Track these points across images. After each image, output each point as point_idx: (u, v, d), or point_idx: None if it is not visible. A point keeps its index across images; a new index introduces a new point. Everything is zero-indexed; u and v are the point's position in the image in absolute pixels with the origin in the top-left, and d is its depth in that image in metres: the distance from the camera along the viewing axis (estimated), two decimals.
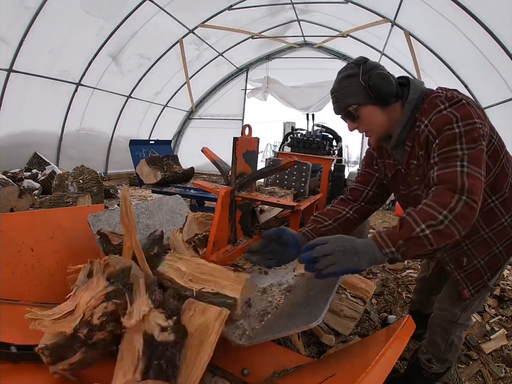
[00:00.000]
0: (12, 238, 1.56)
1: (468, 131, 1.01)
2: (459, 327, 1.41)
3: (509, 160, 1.19)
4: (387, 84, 1.12)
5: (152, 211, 2.04)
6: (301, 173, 2.66)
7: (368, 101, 1.14)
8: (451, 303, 1.38)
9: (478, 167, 0.98)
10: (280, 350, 1.35)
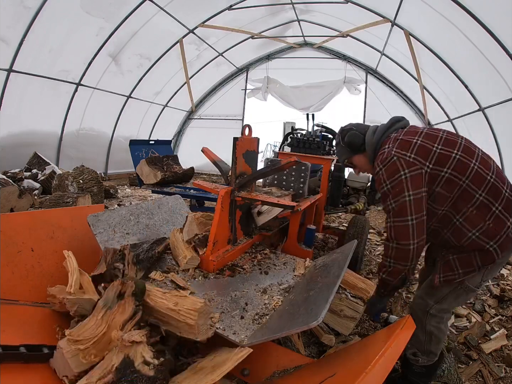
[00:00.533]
0: (12, 238, 1.56)
1: (393, 187, 1.33)
2: (434, 317, 1.47)
3: (477, 180, 1.32)
4: (356, 140, 1.59)
5: (152, 211, 2.04)
6: (300, 174, 2.62)
7: (351, 154, 1.65)
8: (426, 292, 1.52)
9: (403, 216, 1.32)
10: (280, 350, 1.35)
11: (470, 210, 1.33)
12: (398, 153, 1.35)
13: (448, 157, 1.33)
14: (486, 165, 1.34)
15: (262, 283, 1.64)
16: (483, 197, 1.32)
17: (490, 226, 1.31)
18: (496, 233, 1.31)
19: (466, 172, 1.32)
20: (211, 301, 1.45)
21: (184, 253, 1.66)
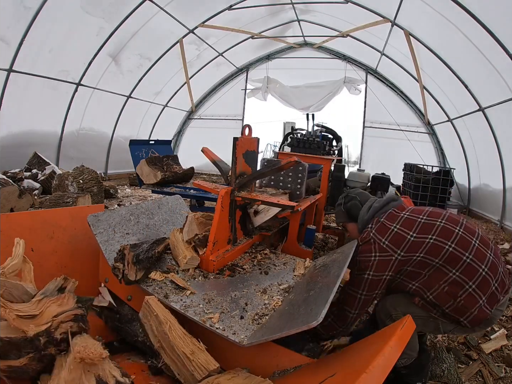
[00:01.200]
0: (12, 238, 1.56)
1: (361, 261, 1.49)
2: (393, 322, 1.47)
3: (452, 260, 1.40)
4: (354, 210, 1.74)
5: (152, 211, 2.04)
6: (297, 175, 2.56)
7: (347, 220, 1.81)
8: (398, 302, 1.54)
9: (356, 288, 1.48)
10: (280, 350, 1.35)
11: (442, 287, 1.41)
12: (375, 236, 1.52)
13: (421, 244, 1.44)
14: (463, 245, 1.41)
15: (262, 283, 1.64)
16: (457, 275, 1.39)
17: (461, 303, 1.37)
18: (467, 310, 1.37)
19: (439, 254, 1.41)
20: (211, 301, 1.45)
21: (184, 253, 1.66)
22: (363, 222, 1.68)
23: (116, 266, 1.49)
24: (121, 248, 1.56)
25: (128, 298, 1.67)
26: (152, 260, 1.60)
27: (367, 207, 1.70)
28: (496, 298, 1.40)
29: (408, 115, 7.80)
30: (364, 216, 1.68)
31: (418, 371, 1.61)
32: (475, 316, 1.36)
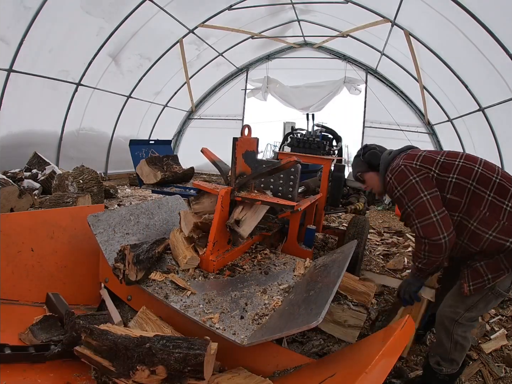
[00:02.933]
0: (12, 238, 1.56)
1: (406, 191, 1.46)
2: (461, 326, 1.45)
3: (483, 182, 1.41)
4: (375, 158, 1.73)
5: (152, 211, 2.04)
6: (289, 177, 2.28)
7: (366, 170, 1.79)
8: (455, 301, 1.50)
9: (426, 215, 1.41)
10: (280, 350, 1.35)
11: (483, 212, 1.40)
12: (405, 162, 1.51)
13: (451, 165, 1.46)
14: (490, 168, 1.44)
15: (262, 283, 1.64)
16: (492, 196, 1.39)
17: (505, 224, 1.36)
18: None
19: (471, 175, 1.42)
20: (211, 301, 1.45)
21: (184, 253, 1.66)
22: (386, 162, 1.67)
23: (117, 266, 1.49)
24: (121, 248, 1.56)
25: (128, 298, 1.68)
26: (153, 260, 1.60)
27: (387, 152, 1.73)
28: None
29: (408, 115, 7.80)
30: (386, 157, 1.68)
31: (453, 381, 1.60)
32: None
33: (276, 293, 1.55)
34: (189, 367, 0.99)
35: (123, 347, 1.03)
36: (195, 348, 1.01)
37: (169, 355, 1.00)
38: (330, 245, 3.79)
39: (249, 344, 1.18)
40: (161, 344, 1.02)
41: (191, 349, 1.01)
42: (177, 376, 1.00)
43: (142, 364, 1.01)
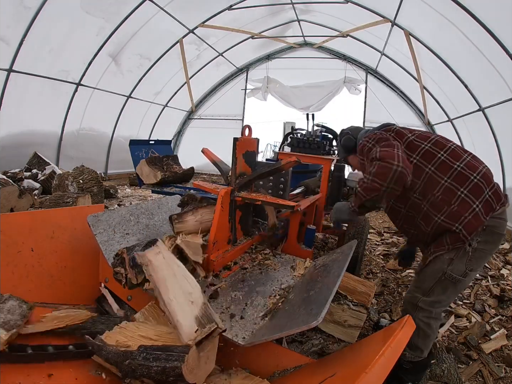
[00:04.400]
0: (12, 238, 1.56)
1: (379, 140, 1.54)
2: (422, 311, 1.51)
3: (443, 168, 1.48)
4: (350, 142, 1.89)
5: (152, 211, 2.04)
6: (279, 179, 2.16)
7: (346, 154, 1.98)
8: (414, 286, 1.61)
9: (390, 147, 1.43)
10: (280, 350, 1.35)
11: (436, 196, 1.47)
12: (379, 132, 1.63)
13: (418, 147, 1.54)
14: (455, 156, 1.50)
15: (262, 283, 1.64)
16: (448, 182, 1.46)
17: (454, 209, 1.43)
18: (460, 215, 1.42)
19: (432, 160, 1.50)
20: (211, 301, 1.45)
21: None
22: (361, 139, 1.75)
23: (118, 271, 1.47)
24: (119, 252, 1.54)
25: (128, 298, 1.67)
26: None
27: (363, 132, 1.84)
28: (491, 206, 1.42)
29: (408, 115, 7.80)
30: (361, 138, 1.76)
31: (418, 371, 1.61)
32: (469, 221, 1.40)
33: (276, 293, 1.55)
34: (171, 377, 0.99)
35: (114, 362, 1.07)
36: (173, 359, 0.99)
37: (149, 369, 0.99)
38: (330, 245, 3.79)
39: (249, 344, 1.18)
40: (142, 357, 1.01)
41: (169, 361, 0.99)
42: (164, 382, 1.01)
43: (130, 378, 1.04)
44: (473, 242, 1.43)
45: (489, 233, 1.44)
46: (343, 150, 1.97)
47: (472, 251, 1.43)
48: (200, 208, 1.76)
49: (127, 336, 1.16)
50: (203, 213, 1.75)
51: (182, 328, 1.11)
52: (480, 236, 1.43)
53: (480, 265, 1.53)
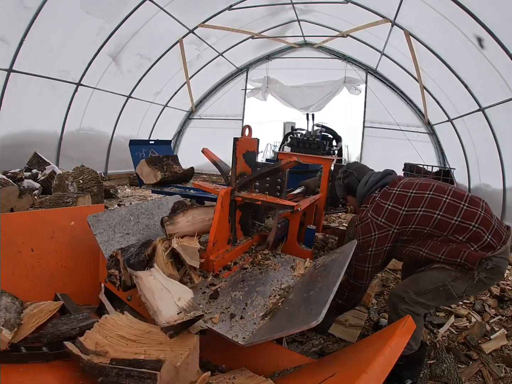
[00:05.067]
0: (12, 238, 1.56)
1: (364, 242, 1.70)
2: (406, 304, 1.59)
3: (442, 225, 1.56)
4: (352, 185, 1.92)
5: (152, 211, 2.04)
6: (276, 180, 2.11)
7: (346, 194, 2.01)
8: (410, 283, 1.66)
9: (364, 263, 1.71)
10: (280, 350, 1.35)
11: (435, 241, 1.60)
12: (372, 216, 1.70)
13: (412, 216, 1.62)
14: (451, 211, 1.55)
15: (262, 283, 1.64)
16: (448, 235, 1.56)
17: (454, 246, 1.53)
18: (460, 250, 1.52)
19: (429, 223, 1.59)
20: (211, 301, 1.45)
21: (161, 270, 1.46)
22: (361, 196, 1.86)
23: (112, 273, 1.46)
24: (113, 254, 1.54)
25: (128, 298, 1.67)
26: (144, 263, 1.54)
27: (364, 182, 1.86)
28: (492, 247, 1.50)
29: (408, 115, 7.80)
30: (361, 190, 1.86)
31: (413, 366, 1.65)
32: (469, 253, 1.49)
33: (276, 293, 1.55)
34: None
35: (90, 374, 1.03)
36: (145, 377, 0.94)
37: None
38: (330, 245, 3.79)
39: (249, 344, 1.18)
40: (115, 373, 0.98)
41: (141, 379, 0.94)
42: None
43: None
44: (482, 274, 1.51)
45: (495, 272, 1.52)
46: (344, 189, 1.99)
47: (477, 280, 1.52)
48: (191, 209, 1.75)
49: (106, 335, 1.12)
50: (194, 214, 1.74)
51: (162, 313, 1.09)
52: (487, 272, 1.51)
53: (475, 294, 1.70)
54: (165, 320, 1.06)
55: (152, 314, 1.12)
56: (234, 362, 1.34)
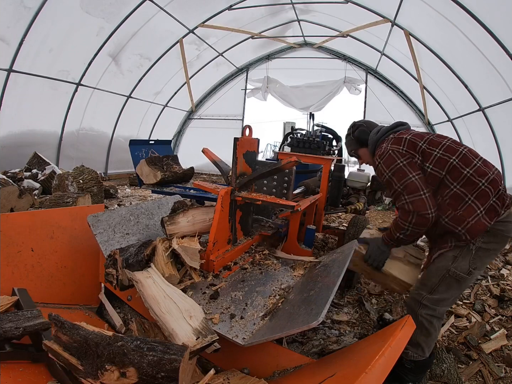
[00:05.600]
0: (12, 238, 1.56)
1: (394, 173, 1.57)
2: (425, 308, 1.55)
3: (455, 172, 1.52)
4: (364, 135, 1.86)
5: (152, 211, 2.04)
6: (283, 178, 2.27)
7: (357, 147, 1.93)
8: (420, 283, 1.63)
9: (416, 192, 1.51)
10: (280, 350, 1.35)
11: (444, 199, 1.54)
12: (392, 147, 1.61)
13: (430, 155, 1.57)
14: (466, 162, 1.52)
15: (262, 283, 1.64)
16: (457, 188, 1.51)
17: (459, 213, 1.49)
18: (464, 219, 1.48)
19: (444, 166, 1.53)
20: (211, 301, 1.45)
21: (161, 270, 1.48)
22: (373, 142, 1.79)
23: (109, 272, 1.46)
24: (111, 253, 1.54)
25: (128, 298, 1.67)
26: (142, 263, 1.54)
27: (376, 130, 1.81)
28: (496, 212, 1.48)
29: (408, 115, 7.80)
30: (374, 137, 1.80)
31: (419, 371, 1.62)
32: (472, 225, 1.46)
33: (276, 293, 1.55)
34: (162, 373, 0.89)
35: (94, 344, 0.96)
36: (171, 352, 0.92)
37: (142, 357, 0.91)
38: (330, 245, 3.79)
39: (249, 344, 1.18)
40: (135, 345, 0.94)
41: (166, 353, 0.91)
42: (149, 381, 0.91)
43: (112, 364, 0.92)
44: (479, 241, 1.48)
45: (493, 234, 1.48)
46: (355, 142, 1.92)
47: (475, 249, 1.49)
48: (191, 209, 1.76)
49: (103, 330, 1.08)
50: (194, 214, 1.74)
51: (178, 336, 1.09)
52: (484, 237, 1.48)
53: (484, 264, 1.56)
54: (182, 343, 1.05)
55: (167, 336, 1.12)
56: (234, 362, 1.34)
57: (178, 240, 1.59)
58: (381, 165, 1.62)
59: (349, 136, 1.96)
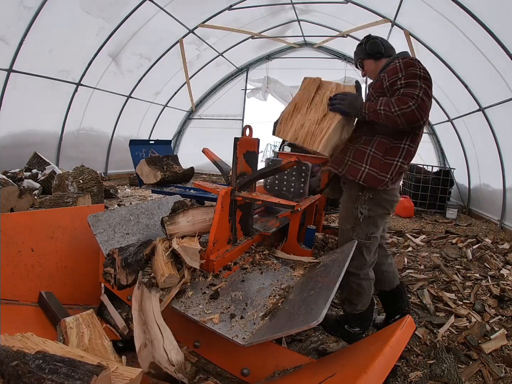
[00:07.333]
0: (12, 238, 1.56)
1: (407, 75, 1.60)
2: (352, 276, 1.79)
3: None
4: (376, 47, 1.89)
5: (152, 211, 2.04)
6: (301, 174, 2.69)
7: (366, 57, 1.95)
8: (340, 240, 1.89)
9: (426, 97, 1.53)
10: (280, 350, 1.35)
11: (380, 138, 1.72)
12: (418, 61, 1.66)
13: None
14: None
15: (262, 283, 1.64)
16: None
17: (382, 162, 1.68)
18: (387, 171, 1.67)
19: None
20: (211, 301, 1.45)
21: (162, 270, 1.48)
22: (393, 57, 1.81)
23: (107, 271, 1.46)
24: (110, 252, 1.53)
25: (128, 298, 1.67)
26: (141, 263, 1.54)
27: (395, 51, 1.91)
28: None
29: None
30: (394, 53, 1.89)
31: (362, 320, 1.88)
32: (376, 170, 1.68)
33: (276, 293, 1.55)
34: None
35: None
36: (76, 377, 0.77)
37: (39, 381, 0.76)
38: (330, 245, 3.79)
39: (249, 344, 1.18)
40: (36, 364, 0.81)
41: (70, 378, 0.76)
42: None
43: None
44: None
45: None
46: (364, 52, 1.93)
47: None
48: (191, 209, 1.76)
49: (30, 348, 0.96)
50: (194, 214, 1.74)
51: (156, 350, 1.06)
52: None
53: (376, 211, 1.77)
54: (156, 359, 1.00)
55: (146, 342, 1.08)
56: (234, 362, 1.34)
57: (178, 239, 1.59)
58: (400, 64, 1.64)
59: (361, 45, 1.98)
